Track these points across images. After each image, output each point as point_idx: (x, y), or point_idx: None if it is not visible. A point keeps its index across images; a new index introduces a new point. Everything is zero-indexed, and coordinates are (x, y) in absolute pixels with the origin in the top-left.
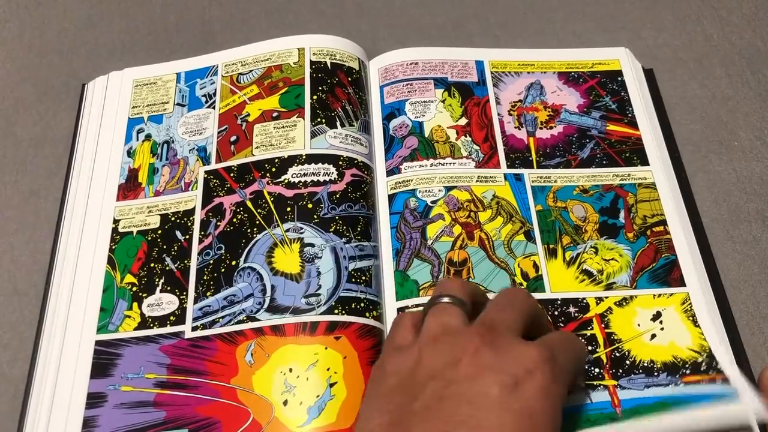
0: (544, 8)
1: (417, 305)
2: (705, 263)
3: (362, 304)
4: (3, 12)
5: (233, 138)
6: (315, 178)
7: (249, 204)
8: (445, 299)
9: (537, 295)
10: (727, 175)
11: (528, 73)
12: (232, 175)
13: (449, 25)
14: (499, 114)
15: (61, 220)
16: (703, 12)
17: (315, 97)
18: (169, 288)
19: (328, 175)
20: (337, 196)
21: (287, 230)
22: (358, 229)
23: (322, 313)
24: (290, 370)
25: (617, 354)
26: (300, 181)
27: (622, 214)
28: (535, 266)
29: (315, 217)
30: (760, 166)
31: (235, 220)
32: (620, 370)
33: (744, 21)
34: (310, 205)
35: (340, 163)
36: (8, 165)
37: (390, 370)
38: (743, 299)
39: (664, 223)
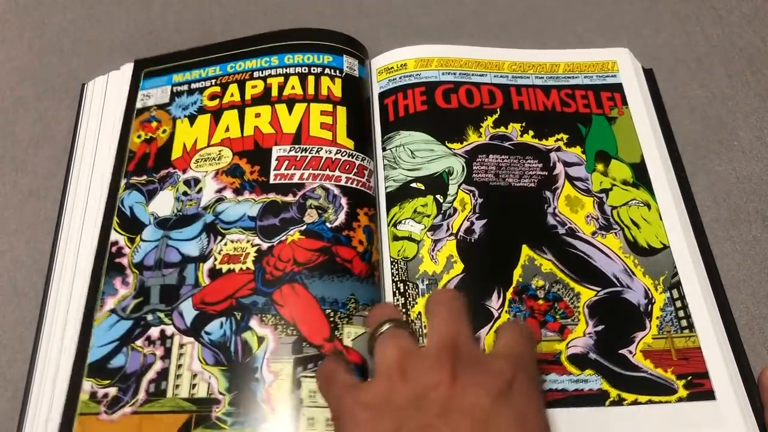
0: (544, 8)
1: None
2: (705, 263)
3: None
4: (3, 12)
5: None
6: None
7: None
8: (388, 325)
9: None
10: (727, 175)
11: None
12: None
13: (449, 25)
14: None
15: (60, 220)
16: (703, 12)
17: None
18: None
19: None
20: None
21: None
22: None
23: None
24: None
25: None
26: None
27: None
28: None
29: None
30: (760, 166)
31: None
32: None
33: (744, 21)
34: None
35: None
36: (8, 165)
37: (359, 406)
38: (743, 299)
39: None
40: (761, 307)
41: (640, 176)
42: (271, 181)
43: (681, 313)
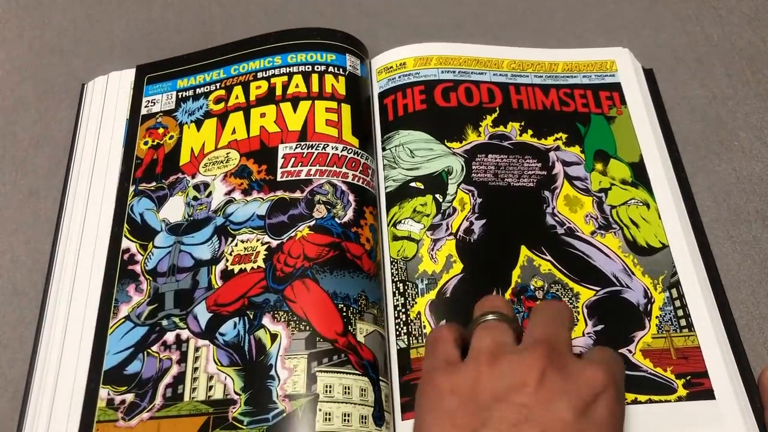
0: (544, 8)
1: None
2: (705, 263)
3: None
4: (3, 12)
5: None
6: None
7: None
8: (492, 316)
9: None
10: (727, 175)
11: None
12: None
13: (449, 25)
14: None
15: (60, 220)
16: (703, 12)
17: None
18: None
19: None
20: None
21: None
22: None
23: None
24: None
25: None
26: None
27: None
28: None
29: None
30: (760, 166)
31: None
32: None
33: (744, 21)
34: None
35: None
36: (8, 165)
37: (446, 388)
38: (743, 299)
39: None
40: (761, 307)
41: (639, 176)
42: (279, 179)
43: (680, 313)
